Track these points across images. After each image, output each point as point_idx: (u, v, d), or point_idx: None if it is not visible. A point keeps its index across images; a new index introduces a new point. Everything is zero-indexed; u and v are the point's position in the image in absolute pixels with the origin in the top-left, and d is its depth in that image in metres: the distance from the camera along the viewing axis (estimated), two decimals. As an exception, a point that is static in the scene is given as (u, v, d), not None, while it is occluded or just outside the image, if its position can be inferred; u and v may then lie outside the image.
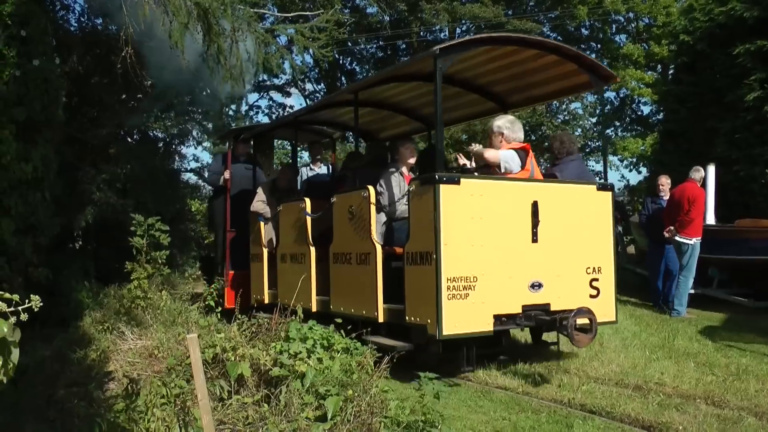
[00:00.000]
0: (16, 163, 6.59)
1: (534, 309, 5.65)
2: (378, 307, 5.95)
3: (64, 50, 10.81)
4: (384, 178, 6.64)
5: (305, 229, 7.31)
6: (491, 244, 5.44)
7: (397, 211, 6.49)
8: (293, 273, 7.42)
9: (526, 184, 5.85)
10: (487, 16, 24.74)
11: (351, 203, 6.42)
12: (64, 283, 8.87)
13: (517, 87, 7.17)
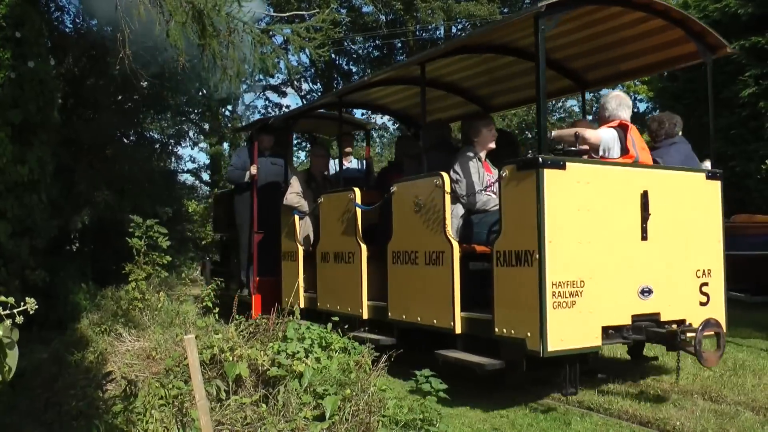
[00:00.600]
0: (12, 165, 6.59)
1: (644, 319, 4.80)
2: (454, 316, 5.07)
3: (60, 52, 10.81)
4: (460, 162, 5.68)
5: (354, 224, 6.40)
6: (599, 242, 4.61)
7: (477, 202, 5.60)
8: (338, 274, 6.68)
9: (635, 170, 4.97)
10: (482, 14, 24.75)
11: (418, 193, 5.55)
12: (61, 286, 8.86)
13: (601, 61, 6.27)
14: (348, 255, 6.53)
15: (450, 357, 4.99)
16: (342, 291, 6.44)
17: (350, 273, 6.43)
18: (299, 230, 7.63)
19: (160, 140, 14.92)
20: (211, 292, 7.28)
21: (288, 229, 7.83)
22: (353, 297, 6.33)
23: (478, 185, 5.62)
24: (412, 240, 5.61)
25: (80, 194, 10.79)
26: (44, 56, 7.09)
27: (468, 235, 5.54)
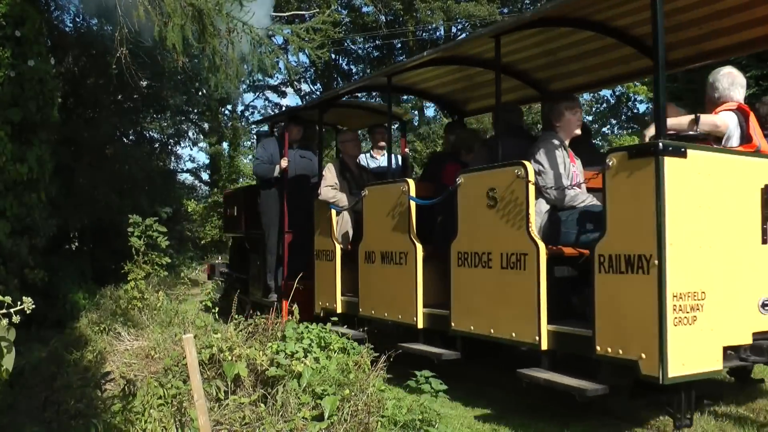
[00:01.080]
0: (12, 164, 6.59)
1: (766, 337, 4.12)
2: (540, 329, 4.31)
3: (60, 51, 10.81)
4: (545, 150, 4.88)
5: (408, 220, 5.61)
6: (719, 246, 3.91)
7: (566, 197, 4.80)
8: (386, 277, 5.90)
9: (758, 161, 4.22)
10: (482, 14, 24.75)
11: (493, 185, 4.75)
12: (61, 285, 8.87)
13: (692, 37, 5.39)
14: (399, 255, 5.76)
15: (538, 378, 4.23)
16: (391, 296, 5.74)
17: (402, 276, 5.66)
18: (336, 227, 6.85)
19: (160, 140, 14.93)
20: (211, 292, 7.28)
21: (323, 226, 7.02)
22: (405, 303, 5.58)
23: (564, 177, 4.86)
24: (484, 239, 4.82)
25: (80, 193, 10.79)
26: (44, 55, 7.08)
27: (553, 234, 4.77)
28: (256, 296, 8.51)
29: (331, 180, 6.93)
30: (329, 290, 6.77)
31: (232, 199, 10.23)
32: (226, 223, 10.79)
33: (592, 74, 6.35)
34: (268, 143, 8.29)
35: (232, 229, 10.14)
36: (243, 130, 30.26)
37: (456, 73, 6.71)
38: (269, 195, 8.14)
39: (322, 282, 6.95)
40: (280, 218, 7.95)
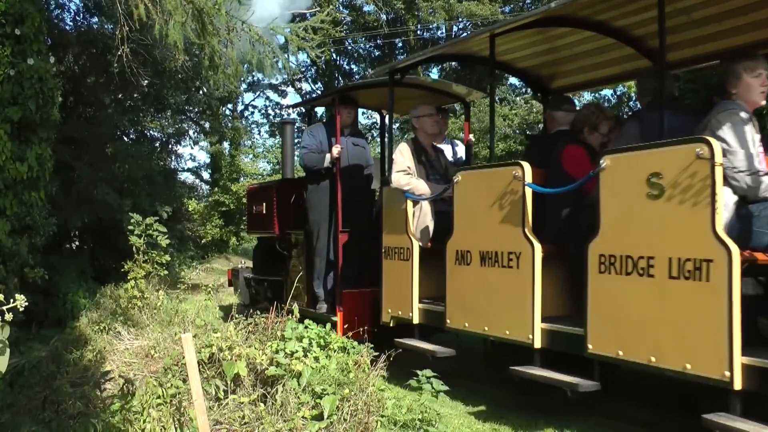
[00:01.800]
0: (11, 162, 6.57)
1: None
2: (732, 362, 3.29)
3: (60, 49, 10.79)
4: (730, 123, 3.87)
5: (521, 213, 4.57)
6: None
7: (762, 185, 3.77)
8: (488, 282, 4.84)
9: None
10: (483, 13, 24.74)
11: (657, 168, 3.71)
12: (61, 284, 8.86)
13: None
14: (508, 256, 4.68)
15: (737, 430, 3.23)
16: (495, 306, 4.74)
17: (512, 282, 4.61)
18: (412, 220, 5.79)
19: (160, 139, 14.92)
20: (210, 291, 7.24)
21: (395, 219, 5.93)
22: (517, 316, 4.55)
23: (756, 161, 3.85)
24: (644, 240, 3.81)
25: (80, 192, 10.78)
26: (44, 54, 7.06)
27: (743, 235, 3.73)
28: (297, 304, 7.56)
29: (404, 164, 5.84)
30: (402, 296, 5.74)
31: (260, 195, 9.04)
32: (250, 223, 9.57)
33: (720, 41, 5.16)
34: (316, 129, 7.21)
35: (260, 228, 9.03)
36: (244, 130, 30.28)
37: (543, 44, 5.83)
38: (318, 188, 7.06)
39: (393, 286, 5.91)
40: (331, 215, 6.95)
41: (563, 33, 5.54)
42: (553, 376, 4.26)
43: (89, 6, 11.75)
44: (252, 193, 9.74)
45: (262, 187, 9.61)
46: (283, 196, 8.22)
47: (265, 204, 8.66)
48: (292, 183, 8.65)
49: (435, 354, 5.09)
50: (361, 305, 6.48)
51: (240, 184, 28.71)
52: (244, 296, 9.32)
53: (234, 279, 9.97)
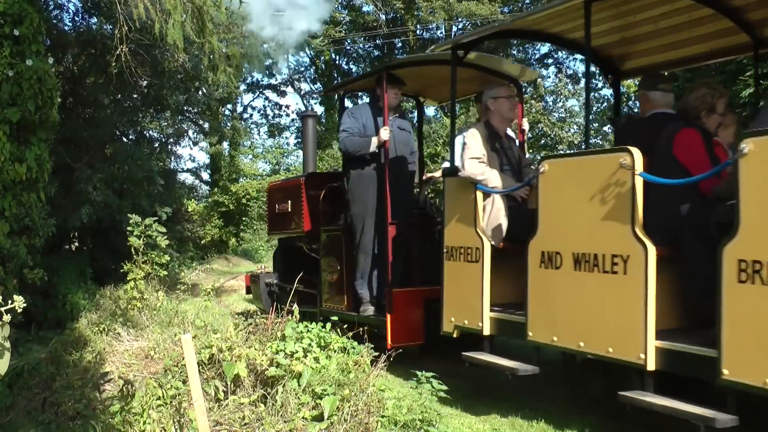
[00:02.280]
0: (10, 163, 6.57)
1: None
2: None
3: (59, 50, 10.79)
4: None
5: (629, 208, 3.86)
6: None
7: None
8: (585, 289, 4.14)
9: None
10: (483, 13, 24.74)
11: None
12: (60, 285, 8.87)
13: None
14: (612, 260, 3.98)
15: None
16: (594, 319, 4.06)
17: (617, 290, 3.92)
18: (483, 215, 5.04)
19: (160, 139, 14.92)
20: (210, 291, 7.22)
21: (461, 214, 5.18)
22: (624, 332, 3.86)
23: None
24: None
25: (79, 193, 10.77)
26: (43, 54, 7.06)
27: None
28: (333, 309, 6.70)
29: (478, 150, 5.06)
30: (469, 302, 4.99)
31: (284, 192, 8.26)
32: (272, 223, 8.69)
33: None
34: (358, 110, 6.45)
35: (284, 228, 8.22)
36: (243, 130, 30.29)
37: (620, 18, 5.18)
38: (362, 177, 6.29)
39: (457, 291, 5.16)
40: (378, 207, 6.21)
41: (648, 4, 4.85)
42: (678, 406, 3.57)
43: (88, 6, 11.74)
44: (274, 190, 8.82)
45: (286, 183, 8.75)
46: (312, 191, 7.46)
47: (291, 201, 7.92)
48: (321, 177, 7.98)
49: (516, 372, 4.47)
50: (413, 306, 5.93)
51: (240, 185, 28.76)
52: (265, 303, 8.38)
53: (253, 285, 9.02)
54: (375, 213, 6.26)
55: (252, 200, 26.96)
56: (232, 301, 11.88)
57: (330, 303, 6.92)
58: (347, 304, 6.61)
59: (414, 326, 5.64)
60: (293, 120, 35.24)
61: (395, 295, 5.89)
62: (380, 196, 6.19)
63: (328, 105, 31.65)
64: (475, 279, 4.94)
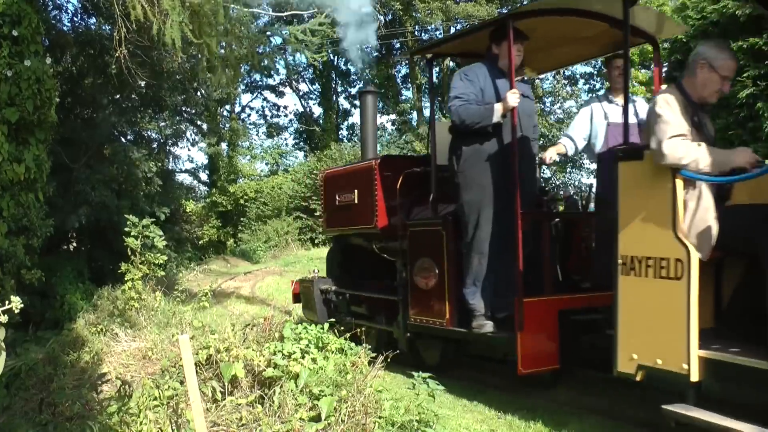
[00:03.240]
0: (8, 164, 6.59)
1: None
2: None
3: (57, 50, 10.79)
4: None
5: None
6: None
7: None
8: None
9: None
10: (481, 14, 24.78)
11: None
12: (58, 285, 8.88)
13: None
14: None
15: None
16: None
17: None
18: (685, 215, 3.68)
19: (158, 140, 14.93)
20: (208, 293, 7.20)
21: (649, 211, 3.81)
22: None
23: None
24: None
25: (77, 193, 10.78)
26: (41, 55, 7.07)
27: None
28: (426, 324, 5.50)
29: (679, 125, 3.72)
30: (664, 334, 3.65)
31: (350, 179, 6.87)
32: (331, 218, 7.24)
33: None
34: (473, 72, 5.13)
35: (347, 223, 6.87)
36: (242, 130, 30.30)
37: None
38: (479, 156, 5.00)
39: (643, 317, 3.82)
40: (499, 193, 4.94)
41: None
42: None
43: (87, 7, 11.75)
44: (334, 178, 7.29)
45: (351, 169, 7.17)
46: (389, 178, 6.19)
47: (359, 190, 6.60)
48: (397, 161, 6.73)
49: None
50: (547, 320, 4.68)
51: (238, 185, 28.78)
52: (319, 314, 7.15)
53: (304, 292, 7.59)
54: (493, 202, 4.96)
55: (250, 201, 26.98)
56: (231, 302, 11.88)
57: (422, 316, 5.55)
58: (449, 317, 5.23)
59: (549, 346, 4.52)
60: (291, 120, 35.28)
61: (528, 306, 4.59)
62: (502, 179, 4.91)
63: (326, 106, 31.69)
64: (675, 302, 3.60)
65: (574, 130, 5.77)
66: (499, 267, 4.95)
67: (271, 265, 19.82)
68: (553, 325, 4.69)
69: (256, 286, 14.54)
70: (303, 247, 23.75)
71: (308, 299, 7.46)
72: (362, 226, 6.57)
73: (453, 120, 5.08)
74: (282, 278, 15.69)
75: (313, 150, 30.06)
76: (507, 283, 4.82)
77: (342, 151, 24.41)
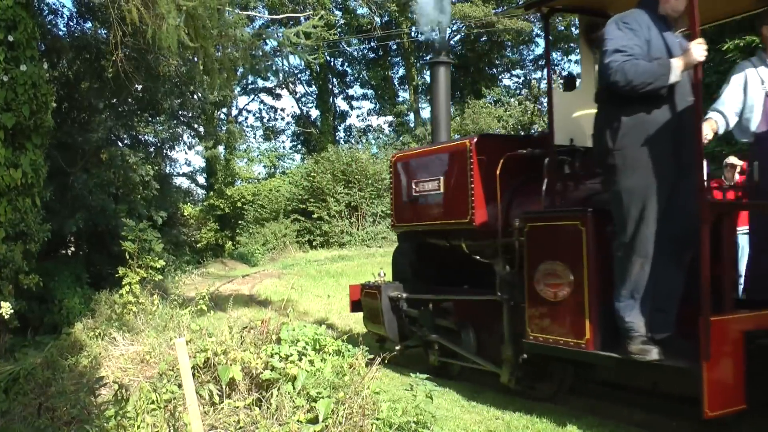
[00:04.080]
0: (5, 169, 6.58)
1: None
2: None
3: (53, 55, 10.78)
4: None
5: None
6: None
7: None
8: None
9: None
10: (477, 15, 24.83)
11: None
12: (56, 290, 8.87)
13: None
14: None
15: None
16: None
17: None
18: None
19: (155, 143, 14.94)
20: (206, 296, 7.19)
21: None
22: None
23: None
24: None
25: (74, 198, 10.77)
26: (37, 59, 7.07)
27: None
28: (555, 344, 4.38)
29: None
30: None
31: (434, 164, 5.73)
32: (402, 209, 6.08)
33: None
34: (633, 20, 3.98)
35: (426, 217, 5.76)
36: (239, 133, 30.31)
37: None
38: (644, 129, 3.90)
39: None
40: (676, 179, 3.88)
41: None
42: None
43: (82, 11, 11.75)
44: (407, 163, 6.09)
45: (432, 150, 5.91)
46: (486, 161, 5.15)
47: (446, 178, 5.50)
48: (498, 142, 5.66)
49: None
50: (735, 347, 3.61)
51: (235, 188, 28.76)
52: (388, 328, 6.11)
53: (368, 300, 6.42)
54: (665, 188, 3.87)
55: (248, 204, 26.98)
56: (229, 305, 11.86)
57: (547, 334, 4.44)
58: (591, 337, 4.15)
59: (735, 380, 3.54)
60: (288, 123, 35.30)
61: (715, 326, 3.51)
62: (674, 159, 3.89)
63: (323, 108, 31.71)
64: None
65: (725, 103, 4.60)
66: (665, 274, 3.92)
67: (269, 268, 19.83)
68: (740, 352, 3.60)
69: (254, 289, 14.54)
70: (301, 250, 23.75)
71: (373, 309, 6.31)
72: (451, 221, 5.43)
73: (614, 81, 3.84)
74: (280, 281, 15.69)
75: (311, 152, 30.08)
76: (668, 294, 3.92)
77: (339, 153, 24.42)
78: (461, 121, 23.70)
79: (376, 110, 33.67)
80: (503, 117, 23.60)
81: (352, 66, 32.74)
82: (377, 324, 6.29)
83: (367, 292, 6.45)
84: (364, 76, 31.90)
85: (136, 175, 12.01)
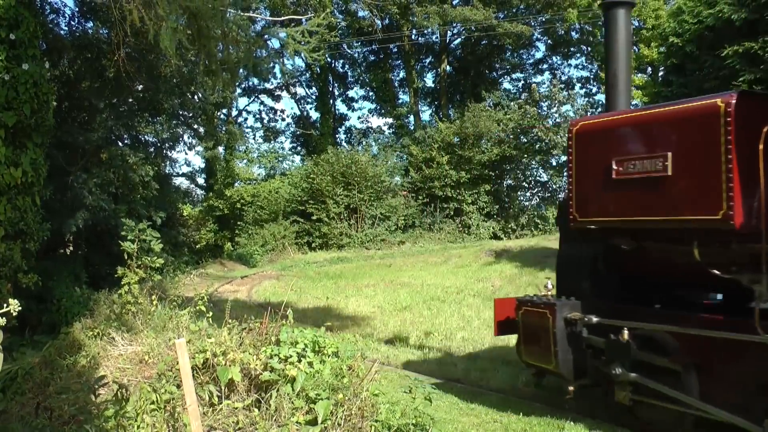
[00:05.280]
0: (5, 167, 6.58)
1: None
2: None
3: (55, 54, 10.79)
4: None
5: None
6: None
7: None
8: None
9: None
10: (477, 18, 24.83)
11: None
12: (55, 289, 8.86)
13: None
14: None
15: None
16: None
17: None
18: None
19: (155, 144, 14.94)
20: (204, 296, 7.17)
21: None
22: None
23: None
24: None
25: (74, 197, 10.77)
26: (39, 59, 7.07)
27: None
28: None
29: None
30: None
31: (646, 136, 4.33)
32: (592, 198, 4.66)
33: None
34: None
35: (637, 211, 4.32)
36: (239, 133, 30.30)
37: None
38: None
39: None
40: None
41: None
42: None
43: (84, 11, 11.75)
44: (598, 134, 4.70)
45: (650, 116, 4.43)
46: (747, 132, 3.81)
47: (677, 154, 4.06)
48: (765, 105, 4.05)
49: None
50: None
51: (234, 189, 28.74)
52: (562, 362, 4.63)
53: (530, 320, 4.94)
54: None
55: (247, 205, 26.96)
56: (228, 306, 11.85)
57: None
58: None
59: None
60: (288, 124, 35.31)
61: None
62: None
63: (323, 110, 31.72)
64: None
65: None
66: None
67: (267, 269, 19.81)
68: None
69: (253, 290, 14.53)
70: (300, 251, 23.73)
71: (539, 334, 4.80)
72: (689, 217, 3.99)
73: None
74: (279, 282, 15.67)
75: (310, 154, 30.06)
76: None
77: (339, 155, 24.40)
78: (461, 123, 23.70)
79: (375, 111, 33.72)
80: (503, 120, 23.61)
81: (353, 68, 32.79)
82: (544, 354, 4.72)
83: (531, 310, 4.90)
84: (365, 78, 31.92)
85: (135, 175, 12.00)
